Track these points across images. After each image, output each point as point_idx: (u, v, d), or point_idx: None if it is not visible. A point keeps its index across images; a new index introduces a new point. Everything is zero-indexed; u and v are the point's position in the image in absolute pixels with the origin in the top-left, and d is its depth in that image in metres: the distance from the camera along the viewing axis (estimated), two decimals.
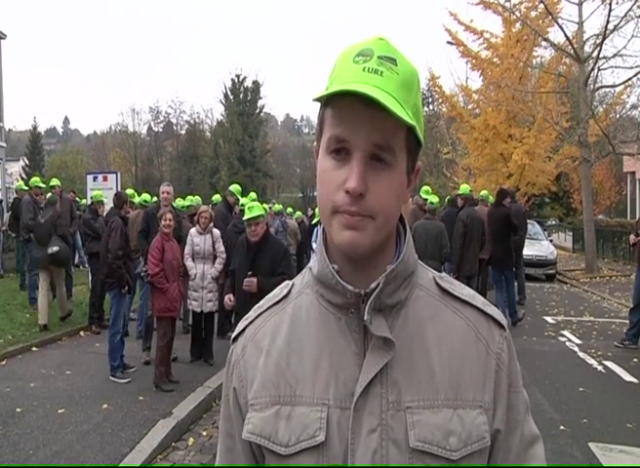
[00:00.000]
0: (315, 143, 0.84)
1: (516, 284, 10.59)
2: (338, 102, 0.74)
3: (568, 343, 7.58)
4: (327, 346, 0.80)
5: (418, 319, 0.81)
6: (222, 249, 6.46)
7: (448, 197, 11.04)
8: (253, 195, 9.69)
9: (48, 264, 7.51)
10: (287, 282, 0.92)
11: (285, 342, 0.83)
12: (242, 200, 7.92)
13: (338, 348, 0.80)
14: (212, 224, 6.59)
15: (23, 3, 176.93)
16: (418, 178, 0.85)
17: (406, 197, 0.81)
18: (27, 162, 43.90)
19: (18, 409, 4.83)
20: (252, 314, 0.90)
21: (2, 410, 4.82)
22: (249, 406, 0.83)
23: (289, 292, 0.89)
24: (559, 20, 15.32)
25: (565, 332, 8.21)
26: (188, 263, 6.27)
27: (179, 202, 9.33)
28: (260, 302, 0.91)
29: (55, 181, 9.66)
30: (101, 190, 8.82)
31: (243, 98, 43.51)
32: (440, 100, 24.61)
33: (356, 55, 0.75)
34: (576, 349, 7.26)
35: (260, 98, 44.06)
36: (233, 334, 0.90)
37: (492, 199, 10.22)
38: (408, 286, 0.82)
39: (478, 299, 0.86)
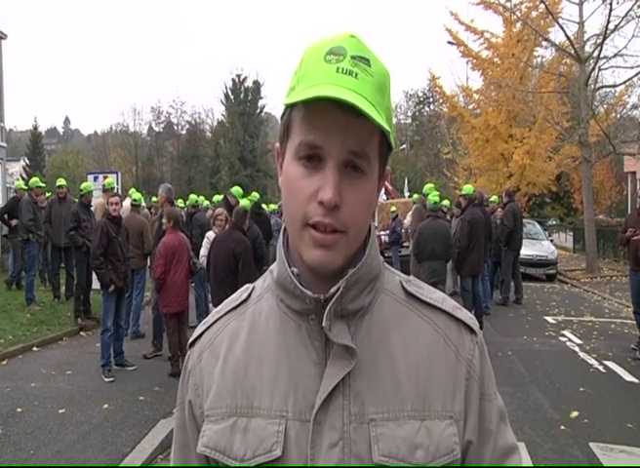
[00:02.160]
0: (278, 145, 0.78)
1: (512, 283, 10.63)
2: (310, 106, 0.68)
3: (568, 343, 7.58)
4: (286, 355, 0.76)
5: (382, 325, 0.76)
6: None
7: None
8: (256, 195, 9.84)
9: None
10: (247, 285, 0.87)
11: (243, 350, 0.78)
12: (242, 202, 8.01)
13: (297, 357, 0.75)
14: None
15: (24, 3, 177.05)
16: (384, 183, 0.80)
17: (376, 204, 0.78)
18: (28, 162, 43.95)
19: (18, 409, 4.84)
20: (210, 318, 0.85)
21: (3, 410, 4.82)
22: (205, 416, 0.78)
23: (248, 295, 0.84)
24: (560, 20, 15.33)
25: (565, 332, 8.20)
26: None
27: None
28: (219, 307, 0.86)
29: (61, 181, 9.56)
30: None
31: (244, 98, 43.53)
32: (441, 101, 24.67)
33: (327, 53, 0.70)
34: (576, 349, 7.26)
35: (261, 98, 44.11)
36: (190, 339, 0.86)
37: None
38: (372, 290, 0.78)
39: (448, 303, 0.81)
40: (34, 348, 6.88)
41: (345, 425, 0.72)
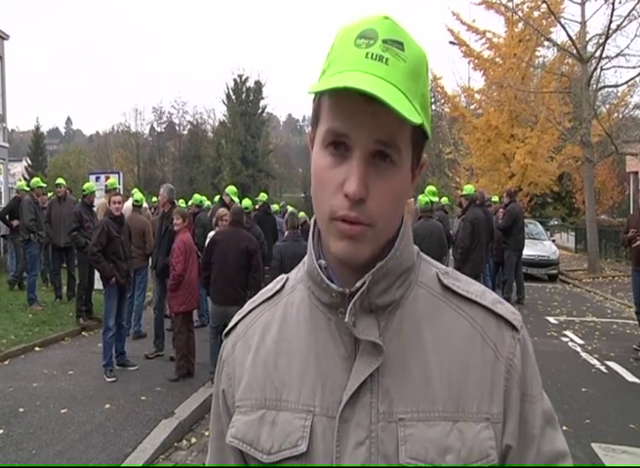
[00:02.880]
0: (310, 130, 0.75)
1: (515, 284, 10.62)
2: (336, 92, 0.65)
3: (570, 343, 7.57)
4: (315, 348, 0.74)
5: (415, 320, 0.73)
6: None
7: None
8: (264, 196, 10.01)
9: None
10: (282, 275, 0.86)
11: (274, 341, 0.78)
12: (244, 202, 8.13)
13: (326, 351, 0.74)
14: None
15: (26, 3, 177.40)
16: (422, 173, 0.78)
17: (409, 194, 0.75)
18: (30, 162, 44.08)
19: (20, 409, 4.84)
20: (245, 309, 0.86)
21: (5, 410, 4.83)
22: (235, 407, 0.79)
23: (282, 286, 0.83)
24: (562, 20, 15.32)
25: (567, 333, 8.20)
26: None
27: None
28: (255, 297, 0.87)
29: (60, 180, 9.61)
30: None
31: (245, 99, 43.57)
32: (442, 101, 24.65)
33: (358, 36, 0.67)
34: (578, 349, 7.25)
35: (263, 99, 44.15)
36: (226, 329, 0.86)
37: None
38: (404, 284, 0.75)
39: (487, 297, 0.76)
40: (36, 348, 6.89)
41: (373, 424, 0.69)
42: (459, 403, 0.70)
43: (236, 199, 8.34)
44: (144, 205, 8.63)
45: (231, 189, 8.47)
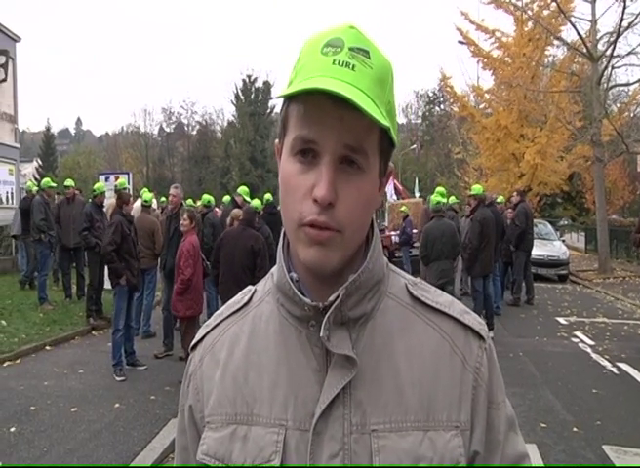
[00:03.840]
0: (277, 141, 0.75)
1: (524, 284, 10.56)
2: (304, 99, 0.66)
3: (581, 344, 7.51)
4: (286, 362, 0.74)
5: (386, 332, 0.74)
6: None
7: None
8: (269, 196, 10.01)
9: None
10: (249, 287, 0.85)
11: (243, 355, 0.77)
12: (253, 202, 8.15)
13: (297, 364, 0.73)
14: None
15: (35, 5, 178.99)
16: (388, 181, 0.77)
17: (377, 202, 0.75)
18: (41, 163, 44.39)
19: (32, 408, 4.89)
20: (212, 321, 0.84)
21: (17, 408, 4.88)
22: (205, 422, 0.77)
23: (250, 299, 0.82)
24: (572, 19, 15.22)
25: (578, 333, 8.13)
26: None
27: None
28: (221, 309, 0.85)
29: (69, 182, 9.70)
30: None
31: (254, 99, 43.70)
32: (451, 100, 24.56)
33: (324, 45, 0.67)
34: (589, 350, 7.19)
35: (271, 99, 44.21)
36: (193, 342, 0.84)
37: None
38: (375, 295, 0.75)
39: (455, 308, 0.77)
40: (47, 347, 6.95)
41: (346, 436, 0.69)
42: (429, 412, 0.71)
43: (249, 199, 8.38)
44: (153, 205, 8.68)
45: (243, 190, 8.48)
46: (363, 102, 0.63)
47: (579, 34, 14.92)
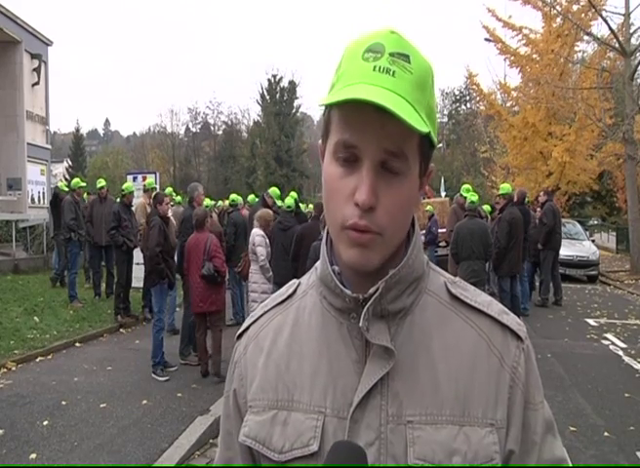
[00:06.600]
0: (321, 143, 0.78)
1: (551, 284, 10.36)
2: (345, 105, 0.67)
3: (612, 347, 7.34)
4: (327, 351, 0.77)
5: (424, 327, 0.76)
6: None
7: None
8: (294, 195, 9.97)
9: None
10: (294, 280, 0.89)
11: (286, 344, 0.80)
12: (280, 203, 8.21)
13: (338, 354, 0.76)
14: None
15: (66, 8, 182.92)
16: (429, 180, 0.80)
17: (418, 202, 0.78)
18: (71, 163, 45.42)
19: (63, 402, 5.00)
20: (258, 312, 0.88)
21: (49, 402, 5.00)
22: (247, 407, 0.81)
23: (294, 291, 0.86)
24: (603, 13, 14.84)
25: (608, 335, 7.94)
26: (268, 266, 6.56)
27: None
28: (267, 300, 0.89)
29: (101, 182, 9.82)
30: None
31: (279, 99, 43.88)
32: (478, 98, 24.26)
33: (365, 50, 0.69)
34: (620, 353, 7.02)
35: (297, 98, 44.41)
36: (238, 331, 0.89)
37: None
38: (414, 291, 0.77)
39: (494, 307, 0.79)
40: (77, 344, 7.10)
41: (382, 425, 0.72)
42: (465, 407, 0.72)
43: (279, 202, 8.41)
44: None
45: (274, 191, 8.45)
46: (403, 110, 0.65)
47: (610, 29, 14.55)
